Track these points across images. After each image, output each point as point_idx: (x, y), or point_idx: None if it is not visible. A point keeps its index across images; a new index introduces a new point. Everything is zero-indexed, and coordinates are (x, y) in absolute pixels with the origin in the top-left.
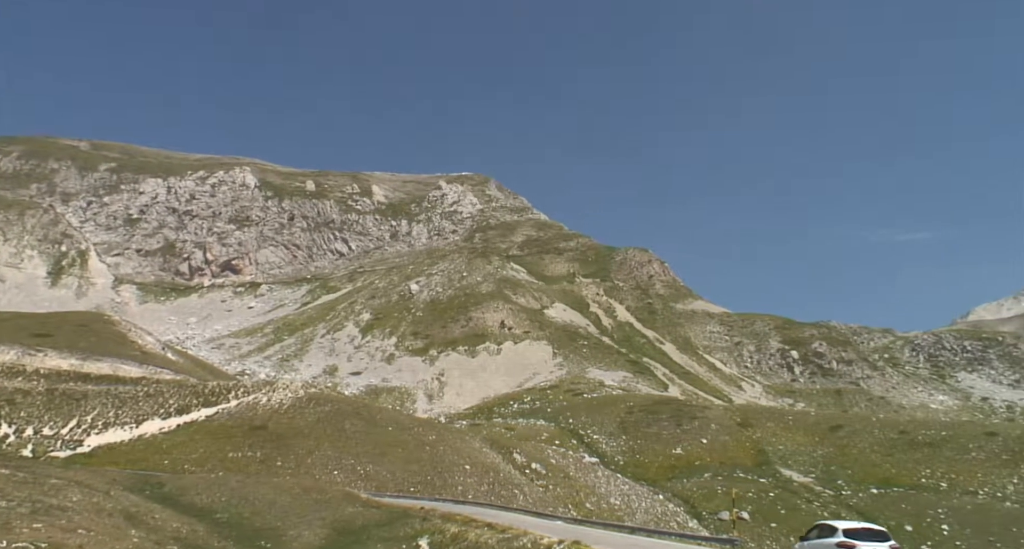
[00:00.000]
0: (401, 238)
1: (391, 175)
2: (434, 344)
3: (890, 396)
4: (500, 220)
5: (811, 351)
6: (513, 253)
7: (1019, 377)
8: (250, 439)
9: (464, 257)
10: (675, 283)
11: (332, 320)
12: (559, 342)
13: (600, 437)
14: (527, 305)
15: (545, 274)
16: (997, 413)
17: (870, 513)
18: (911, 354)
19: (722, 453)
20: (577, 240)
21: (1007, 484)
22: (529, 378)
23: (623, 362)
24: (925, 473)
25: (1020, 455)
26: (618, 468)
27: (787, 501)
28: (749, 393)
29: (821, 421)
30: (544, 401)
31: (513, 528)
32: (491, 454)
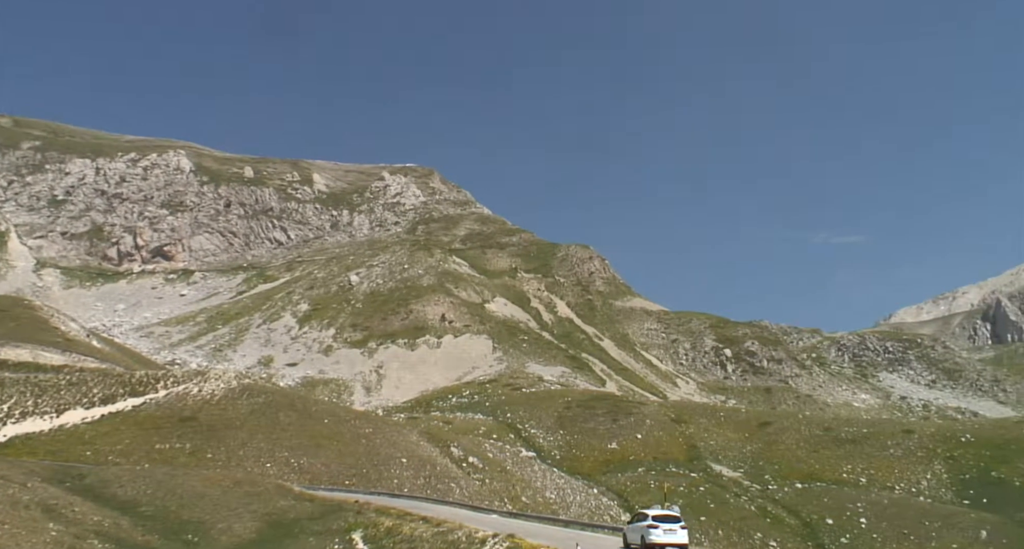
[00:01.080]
0: (342, 228)
1: (333, 164)
2: (373, 336)
3: (816, 394)
4: (443, 213)
5: (744, 350)
6: (456, 247)
7: (935, 377)
8: (179, 430)
9: (406, 249)
10: (615, 280)
11: (269, 310)
12: (499, 336)
13: (538, 431)
14: (468, 299)
15: (487, 268)
16: (914, 411)
17: (794, 507)
18: (837, 354)
19: (656, 448)
20: (520, 235)
21: (921, 480)
22: (469, 372)
23: (562, 357)
24: (847, 469)
25: (934, 452)
26: (555, 462)
27: (717, 495)
28: (684, 390)
29: (751, 418)
30: (483, 395)
31: (448, 522)
32: (428, 447)
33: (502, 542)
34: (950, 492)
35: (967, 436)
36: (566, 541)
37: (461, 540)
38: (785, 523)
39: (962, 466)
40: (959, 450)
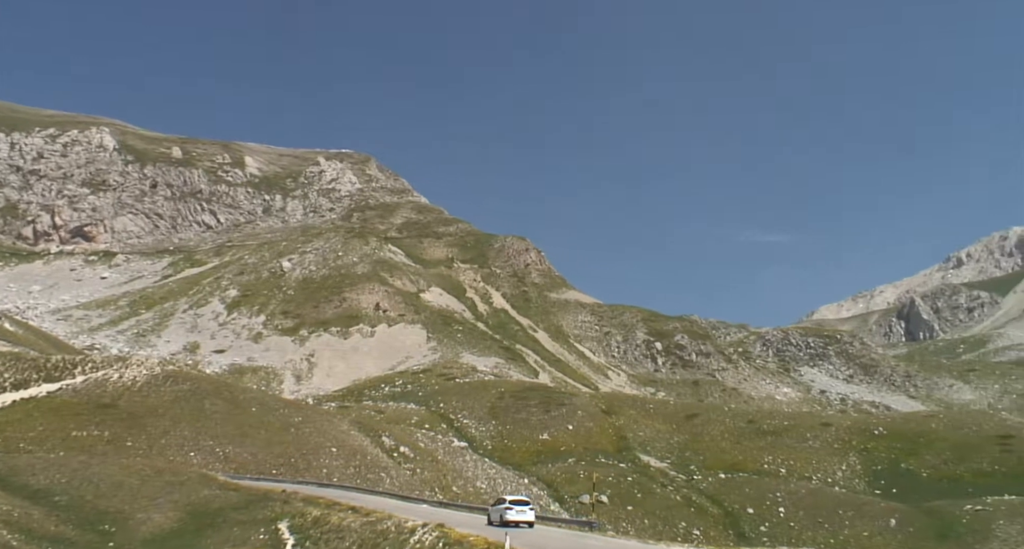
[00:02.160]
0: (275, 213)
1: (266, 147)
2: (305, 324)
3: (742, 387)
4: (380, 201)
5: (674, 343)
6: (392, 235)
7: (852, 372)
8: (98, 417)
9: (341, 236)
10: (550, 272)
11: (196, 295)
12: (434, 326)
13: (470, 421)
14: (403, 288)
15: (423, 258)
16: (832, 405)
17: (717, 496)
18: (762, 349)
19: (586, 439)
20: (457, 225)
21: (837, 470)
22: (402, 361)
23: (497, 348)
24: (768, 460)
25: (849, 444)
26: (486, 452)
27: (644, 485)
28: (615, 381)
29: (679, 410)
30: (416, 385)
31: (378, 511)
32: (359, 437)
33: (431, 532)
34: (863, 482)
35: (880, 429)
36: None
37: (390, 530)
38: (708, 512)
39: (875, 458)
40: (872, 442)
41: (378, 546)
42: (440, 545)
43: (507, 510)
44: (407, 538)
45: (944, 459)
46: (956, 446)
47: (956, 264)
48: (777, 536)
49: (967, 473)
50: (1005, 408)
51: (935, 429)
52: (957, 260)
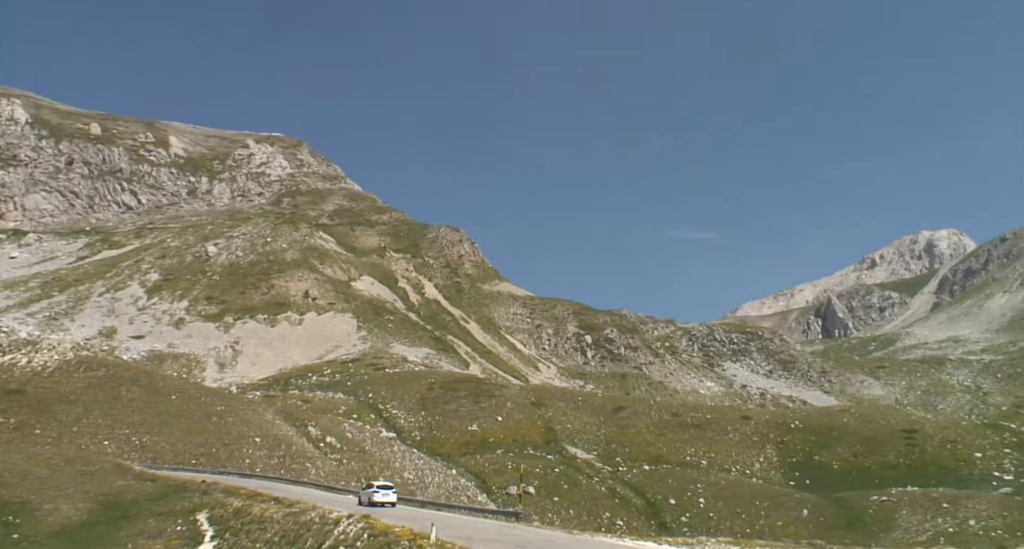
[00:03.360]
0: (200, 196)
1: (192, 127)
2: (230, 310)
3: (667, 381)
4: (311, 187)
5: (603, 337)
6: (323, 222)
7: (772, 368)
8: (3, 404)
9: (270, 222)
10: (484, 264)
11: (114, 278)
12: (365, 316)
13: (399, 412)
14: (334, 276)
15: (355, 246)
16: (753, 399)
17: (641, 488)
18: (688, 343)
19: (515, 430)
20: (390, 214)
21: (755, 462)
22: (331, 350)
23: (428, 339)
24: (690, 452)
25: (767, 437)
26: (415, 443)
27: (570, 477)
28: (545, 374)
29: (606, 402)
30: (345, 374)
31: (302, 502)
32: (284, 426)
33: (356, 523)
34: (779, 474)
35: (796, 423)
36: (421, 521)
37: (314, 521)
38: (632, 503)
39: (790, 450)
40: (788, 436)
41: (301, 537)
42: (365, 536)
43: (374, 493)
44: (331, 529)
45: (854, 452)
46: (865, 439)
47: (870, 265)
48: (697, 526)
49: (874, 465)
50: (910, 403)
51: (846, 423)
52: (871, 261)
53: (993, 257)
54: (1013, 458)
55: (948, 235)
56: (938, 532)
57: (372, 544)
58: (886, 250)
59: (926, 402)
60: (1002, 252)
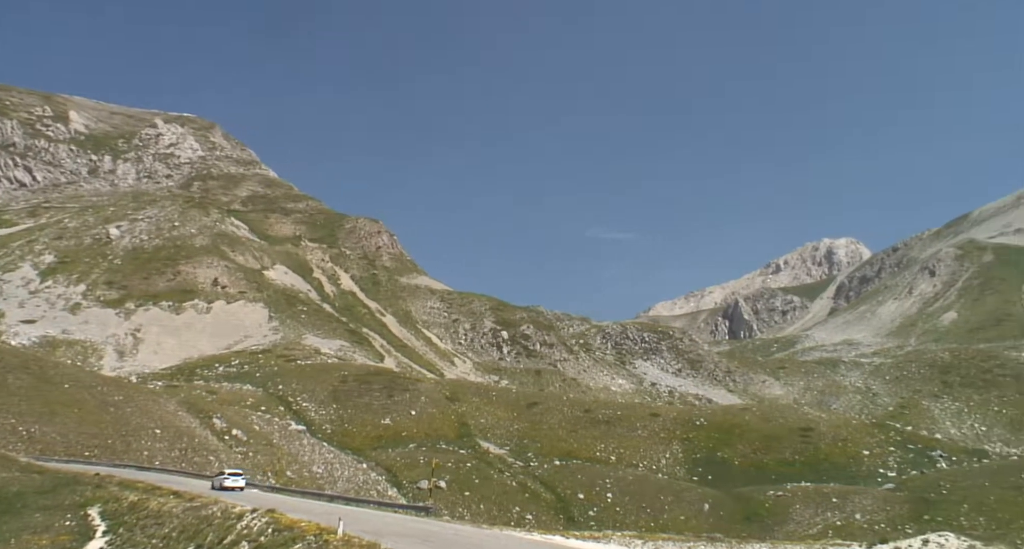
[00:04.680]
0: (102, 175)
1: (95, 103)
2: (133, 296)
3: (581, 378)
4: (224, 171)
5: (520, 333)
6: (235, 208)
7: (681, 366)
8: None
9: (178, 205)
10: (402, 257)
11: (3, 259)
12: (277, 305)
13: (310, 405)
14: (246, 264)
15: (269, 234)
16: (662, 397)
17: (551, 482)
18: (602, 341)
19: (428, 425)
20: (307, 202)
21: (661, 458)
22: (240, 340)
23: (342, 331)
24: (600, 448)
25: (674, 434)
26: (325, 436)
27: (482, 471)
28: (460, 369)
29: (520, 398)
30: (254, 365)
31: (203, 496)
32: (188, 418)
33: (261, 517)
34: (683, 470)
35: (701, 420)
36: (329, 516)
37: (215, 515)
38: (542, 498)
39: (695, 447)
40: (693, 432)
41: (201, 533)
42: (269, 531)
43: (225, 479)
44: (234, 524)
45: (754, 448)
46: (765, 437)
47: (775, 270)
48: (603, 520)
49: (772, 462)
50: (807, 403)
51: (748, 421)
52: (776, 266)
53: (886, 266)
54: (896, 456)
55: (846, 243)
56: (827, 525)
57: (276, 539)
58: (790, 256)
59: (821, 402)
60: (894, 261)
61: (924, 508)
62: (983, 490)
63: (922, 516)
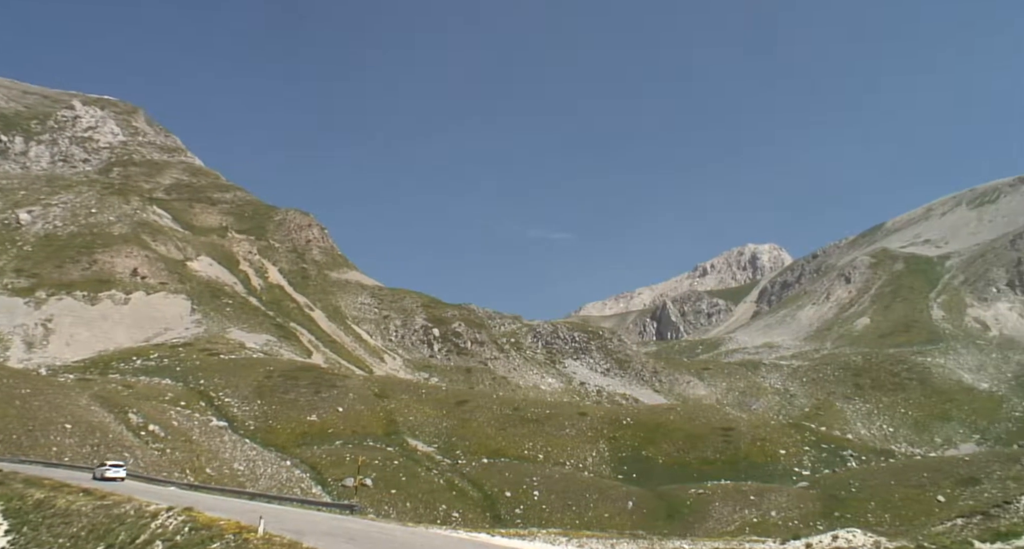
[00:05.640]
0: (13, 157)
1: (8, 81)
2: (44, 285)
3: (511, 376)
4: (147, 157)
5: (451, 330)
6: (158, 196)
7: (609, 366)
8: None
9: (96, 191)
10: (333, 251)
11: None
12: (200, 298)
13: (233, 400)
14: (168, 254)
15: (194, 224)
16: (590, 396)
17: (479, 480)
18: (533, 340)
19: (356, 422)
20: (235, 193)
21: (588, 457)
22: (160, 333)
23: (269, 325)
24: (528, 446)
25: (601, 433)
26: (248, 433)
27: (409, 469)
28: (390, 365)
29: (450, 396)
30: (175, 359)
31: (115, 494)
32: (101, 413)
33: (177, 515)
34: (609, 468)
35: (628, 419)
36: (250, 514)
37: (128, 514)
38: (469, 495)
39: (621, 445)
40: (620, 431)
41: (112, 532)
42: (186, 530)
43: (107, 470)
44: (148, 523)
45: (678, 447)
46: (688, 436)
47: (702, 273)
48: (530, 518)
49: (695, 460)
50: (729, 403)
51: (672, 420)
52: (703, 270)
53: (806, 272)
54: (811, 455)
55: (769, 249)
56: (744, 522)
57: (193, 538)
58: (717, 260)
59: (742, 402)
60: (813, 268)
61: (835, 505)
62: (889, 488)
63: (833, 513)
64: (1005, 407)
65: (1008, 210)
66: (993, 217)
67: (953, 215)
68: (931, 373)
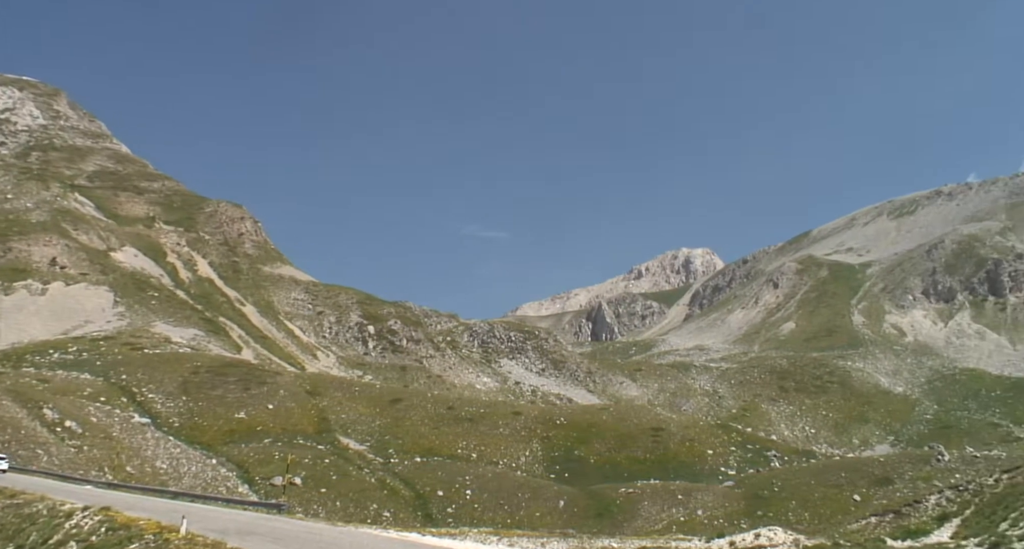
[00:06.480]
0: None
1: None
2: None
3: (446, 375)
4: (69, 142)
5: (386, 328)
6: (81, 183)
7: (545, 366)
8: None
9: (13, 177)
10: (266, 245)
11: None
12: (124, 290)
13: (157, 396)
14: (90, 244)
15: (119, 213)
16: (525, 396)
17: (411, 479)
18: (469, 339)
19: (286, 419)
20: (163, 182)
21: (521, 456)
22: (80, 325)
23: (197, 319)
24: (462, 445)
25: (534, 432)
26: (172, 430)
27: (340, 467)
28: (323, 362)
29: (384, 394)
30: (95, 353)
31: (27, 493)
32: (13, 408)
33: (93, 515)
34: (541, 467)
35: (561, 419)
36: (172, 513)
37: (41, 513)
38: (401, 495)
39: (554, 445)
40: (553, 431)
41: (23, 532)
42: (102, 530)
43: None
44: (61, 523)
45: (609, 447)
46: (619, 436)
47: (637, 276)
48: (462, 517)
49: (625, 460)
50: (660, 404)
51: (605, 420)
52: (638, 272)
53: (736, 276)
54: (737, 455)
55: (702, 253)
56: (672, 521)
57: (110, 539)
58: (651, 263)
59: (673, 403)
60: (743, 273)
61: (758, 504)
62: (809, 488)
63: (756, 512)
64: (918, 410)
65: (925, 222)
66: (911, 228)
67: (875, 225)
68: (851, 377)
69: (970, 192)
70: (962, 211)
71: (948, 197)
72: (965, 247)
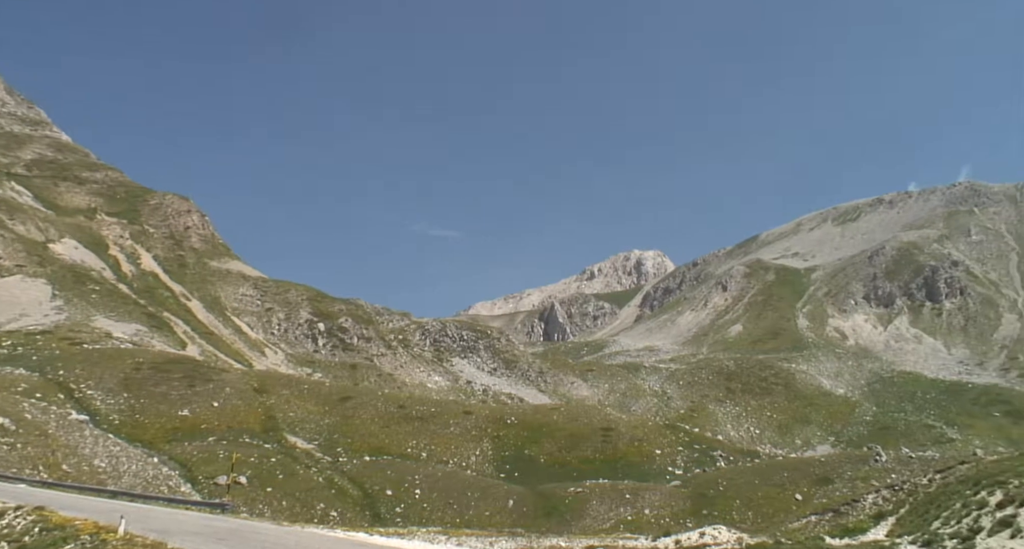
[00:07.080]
0: None
1: None
2: None
3: (397, 373)
4: (5, 129)
5: (337, 325)
6: (18, 171)
7: (497, 366)
8: None
9: None
10: (214, 239)
11: None
12: (63, 283)
13: (96, 393)
14: (26, 235)
15: (58, 203)
16: (476, 395)
17: (359, 479)
18: (421, 337)
19: (232, 417)
20: (106, 173)
21: (471, 455)
22: (15, 319)
23: (139, 314)
24: (412, 444)
25: (485, 431)
26: (112, 428)
27: (287, 466)
28: (271, 360)
29: (334, 392)
30: (31, 347)
31: None
32: None
33: (26, 515)
34: (492, 467)
35: (512, 419)
36: (109, 513)
37: None
38: (348, 494)
39: (504, 444)
40: (504, 430)
41: None
42: (36, 530)
43: None
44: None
45: (559, 447)
46: (570, 436)
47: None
48: (410, 517)
49: (575, 460)
50: (610, 404)
51: (556, 420)
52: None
53: (686, 279)
54: (684, 455)
55: (654, 255)
56: (619, 520)
57: (44, 539)
58: (604, 264)
59: (623, 403)
60: (693, 275)
61: (703, 503)
62: (753, 487)
63: (702, 511)
64: (858, 411)
65: (867, 228)
66: (854, 234)
67: (820, 231)
68: (795, 378)
69: (910, 200)
70: (902, 218)
71: (889, 205)
72: (904, 254)
